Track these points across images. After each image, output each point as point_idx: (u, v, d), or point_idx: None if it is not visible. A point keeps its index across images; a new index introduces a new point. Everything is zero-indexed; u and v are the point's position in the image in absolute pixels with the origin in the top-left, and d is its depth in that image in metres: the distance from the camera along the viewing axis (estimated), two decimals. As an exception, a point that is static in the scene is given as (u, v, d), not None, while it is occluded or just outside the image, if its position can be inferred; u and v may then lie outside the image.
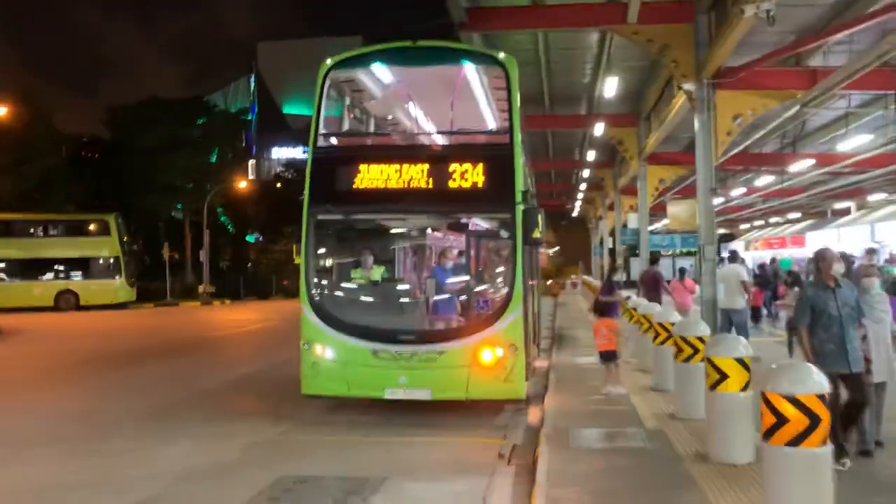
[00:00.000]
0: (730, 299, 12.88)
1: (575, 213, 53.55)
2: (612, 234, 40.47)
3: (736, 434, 6.59)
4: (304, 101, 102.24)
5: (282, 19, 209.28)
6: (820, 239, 29.63)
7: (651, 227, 28.45)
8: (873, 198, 33.53)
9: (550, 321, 22.05)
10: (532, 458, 7.41)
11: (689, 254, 54.04)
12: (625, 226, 33.81)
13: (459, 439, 8.50)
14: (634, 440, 7.62)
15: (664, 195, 26.00)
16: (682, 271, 16.30)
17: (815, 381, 4.83)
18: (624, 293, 14.24)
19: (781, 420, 4.79)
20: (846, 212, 35.75)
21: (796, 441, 4.74)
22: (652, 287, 15.10)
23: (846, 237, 26.95)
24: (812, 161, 22.69)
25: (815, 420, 4.72)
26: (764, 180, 29.31)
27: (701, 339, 8.43)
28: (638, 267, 37.82)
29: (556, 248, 64.32)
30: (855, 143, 19.84)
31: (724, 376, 6.61)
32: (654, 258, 16.93)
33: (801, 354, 6.74)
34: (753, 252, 37.78)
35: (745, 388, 6.60)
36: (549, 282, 41.04)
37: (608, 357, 10.38)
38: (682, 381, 8.67)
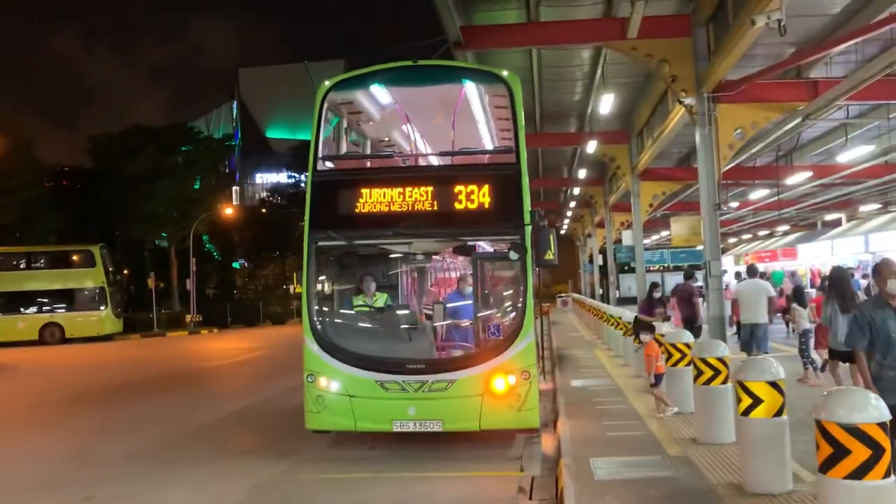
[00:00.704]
0: (754, 314, 12.48)
1: (563, 231, 53.49)
2: (602, 251, 40.34)
3: (772, 462, 6.24)
4: (286, 126, 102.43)
5: (263, 45, 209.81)
6: (812, 251, 29.61)
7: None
8: (865, 208, 33.60)
9: (547, 341, 21.73)
10: (555, 492, 7.06)
11: (678, 269, 54.32)
12: (618, 242, 33.69)
13: (474, 473, 8.11)
14: (660, 469, 7.26)
15: (657, 211, 25.85)
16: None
17: (874, 408, 4.51)
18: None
19: (840, 451, 4.46)
20: (837, 223, 35.79)
21: (858, 474, 4.41)
22: (686, 302, 14.58)
23: (839, 248, 26.86)
24: (809, 173, 22.63)
25: (878, 450, 4.40)
26: (757, 194, 29.27)
27: (722, 361, 8.15)
28: (631, 283, 37.91)
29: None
30: (854, 153, 19.78)
31: (757, 401, 6.27)
32: (689, 273, 16.38)
33: (854, 380, 6.31)
34: (744, 266, 37.62)
35: (779, 413, 6.27)
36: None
37: (660, 380, 9.86)
38: (703, 404, 8.32)
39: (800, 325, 12.23)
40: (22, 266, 34.77)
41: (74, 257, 35.23)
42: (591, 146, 21.89)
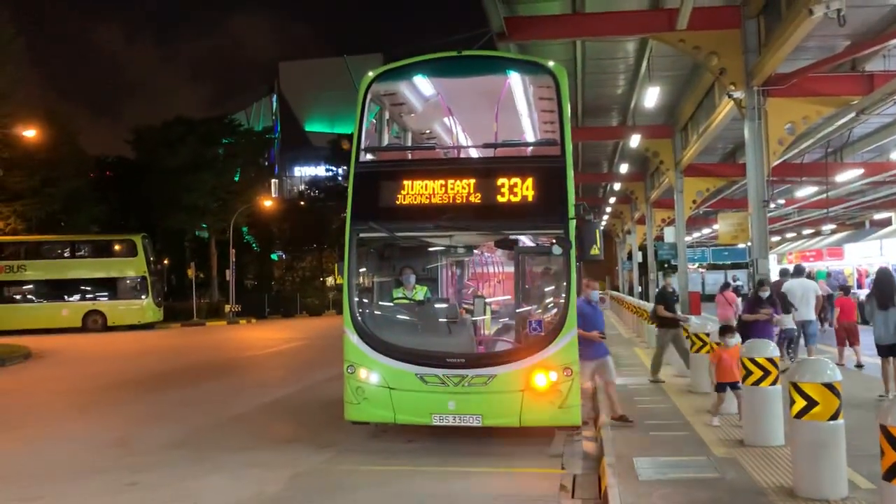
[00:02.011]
0: (804, 311, 13.13)
1: (602, 227, 53.01)
2: (642, 248, 39.85)
3: (827, 466, 6.02)
4: (325, 120, 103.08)
5: (302, 40, 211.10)
6: (860, 251, 28.83)
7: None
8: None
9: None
10: (598, 491, 6.92)
11: (714, 267, 53.43)
12: (659, 239, 33.21)
13: (515, 469, 8.00)
14: (707, 470, 7.07)
15: (701, 207, 25.40)
16: (726, 285, 16.21)
17: (943, 413, 4.30)
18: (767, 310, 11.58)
19: (907, 458, 4.26)
20: (887, 222, 34.82)
21: (926, 482, 4.20)
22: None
23: (889, 249, 26.09)
24: (860, 171, 22.01)
25: (947, 458, 4.19)
26: (804, 191, 28.62)
27: (772, 361, 7.93)
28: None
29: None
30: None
31: (812, 403, 6.06)
32: (799, 270, 16.00)
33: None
34: (788, 265, 36.87)
35: (835, 416, 6.05)
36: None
37: (723, 388, 9.14)
38: (751, 405, 8.11)
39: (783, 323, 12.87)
40: (66, 254, 35.47)
41: (117, 247, 35.85)
42: (635, 140, 21.56)
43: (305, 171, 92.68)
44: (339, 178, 59.58)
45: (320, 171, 75.40)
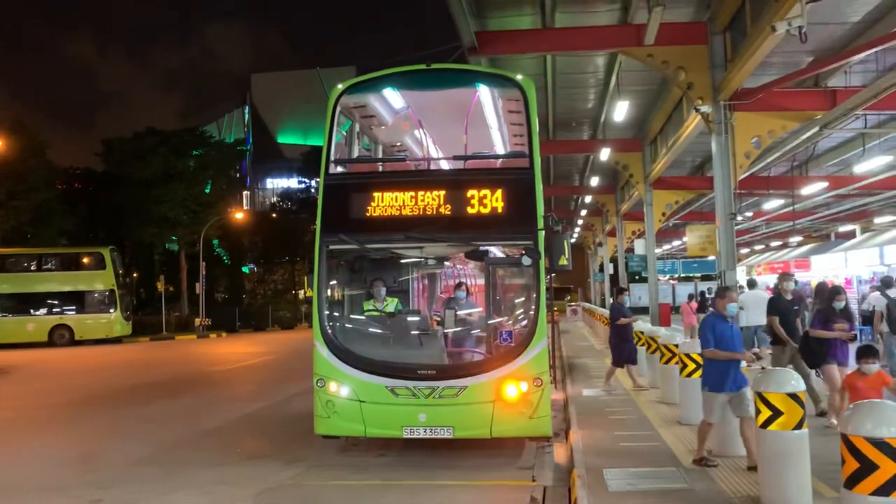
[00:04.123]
0: (755, 317, 14.95)
1: (573, 240, 53.29)
2: (613, 260, 40.13)
3: (792, 476, 6.09)
4: (297, 132, 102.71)
5: (275, 51, 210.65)
6: (826, 263, 29.31)
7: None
8: (879, 220, 33.27)
9: (558, 350, 21.58)
10: (569, 503, 6.93)
11: (687, 279, 54.06)
12: (630, 251, 33.49)
13: (486, 482, 7.98)
14: (676, 481, 7.13)
15: (670, 220, 25.67)
16: (690, 296, 16.71)
17: (902, 422, 4.37)
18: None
19: (867, 466, 4.33)
20: (851, 235, 35.47)
21: (886, 490, 4.27)
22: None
23: (853, 260, 26.56)
24: (824, 184, 22.42)
25: (906, 466, 4.25)
26: (771, 204, 29.06)
27: (739, 372, 8.01)
28: (641, 293, 37.69)
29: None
30: (871, 164, 19.57)
31: (776, 413, 6.14)
32: (752, 283, 16.46)
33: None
34: (757, 277, 37.37)
35: (799, 426, 6.13)
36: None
37: None
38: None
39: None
40: (32, 268, 34.85)
41: (85, 259, 35.30)
42: (605, 154, 21.76)
43: (277, 183, 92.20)
44: (312, 190, 59.27)
45: (293, 182, 75.07)
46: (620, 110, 16.73)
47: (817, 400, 9.71)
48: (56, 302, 34.15)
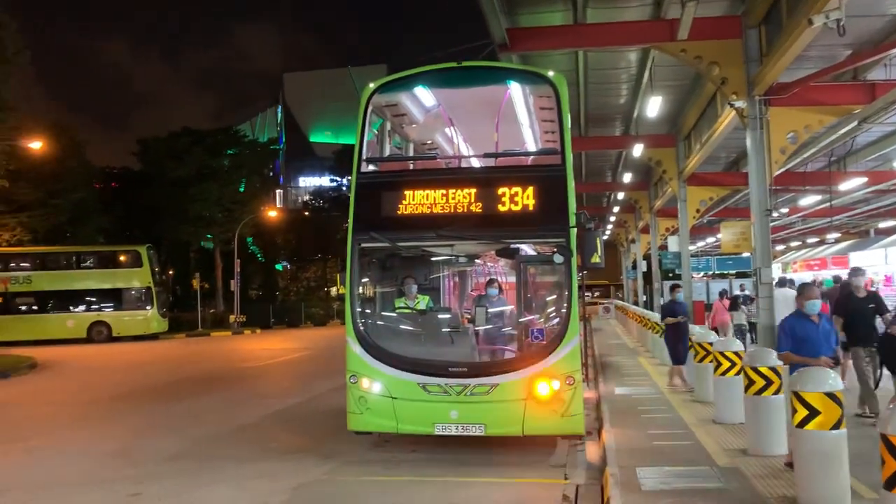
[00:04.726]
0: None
1: (606, 236, 52.92)
2: (647, 257, 39.80)
3: (829, 476, 6.01)
4: (330, 130, 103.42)
5: (307, 51, 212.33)
6: (865, 259, 28.72)
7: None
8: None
9: (589, 348, 21.48)
10: (601, 502, 6.91)
11: (721, 276, 53.30)
12: (663, 248, 33.16)
13: (517, 480, 7.99)
14: (710, 480, 7.06)
15: (704, 216, 25.37)
16: (722, 293, 16.58)
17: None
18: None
19: (907, 467, 4.25)
20: (892, 231, 34.70)
21: (926, 491, 4.19)
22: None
23: (894, 257, 26.00)
24: (863, 179, 21.97)
25: (948, 467, 4.17)
26: (807, 200, 28.58)
27: (775, 371, 7.92)
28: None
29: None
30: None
31: (813, 412, 6.05)
32: (783, 281, 16.14)
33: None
34: (793, 274, 36.79)
35: (837, 426, 6.03)
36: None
37: None
38: (754, 414, 8.11)
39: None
40: (72, 266, 35.55)
41: (122, 257, 35.95)
42: (637, 150, 21.58)
43: (309, 182, 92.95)
44: (343, 189, 59.66)
45: (324, 181, 75.61)
46: (653, 106, 16.57)
47: (875, 408, 9.18)
48: (94, 299, 34.84)
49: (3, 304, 33.51)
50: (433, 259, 10.84)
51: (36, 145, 27.59)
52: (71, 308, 34.48)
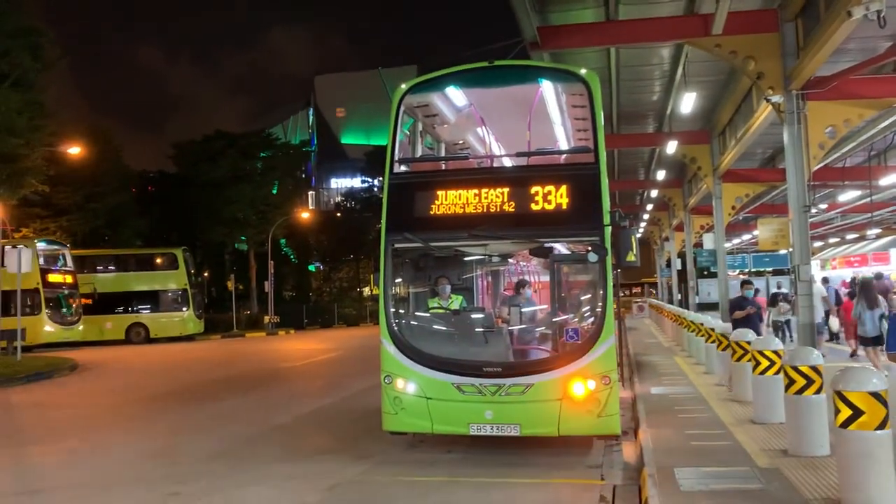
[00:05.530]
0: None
1: (639, 234, 52.46)
2: (681, 255, 39.37)
3: (874, 477, 5.85)
4: (361, 132, 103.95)
5: (337, 53, 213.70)
6: (907, 255, 28.12)
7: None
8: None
9: (625, 347, 21.29)
10: (639, 502, 6.84)
11: (758, 274, 52.56)
12: (698, 245, 32.78)
13: (554, 480, 7.93)
14: (750, 481, 6.93)
15: (739, 213, 25.02)
16: (756, 291, 16.73)
17: None
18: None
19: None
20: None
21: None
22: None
23: (937, 253, 25.41)
24: (905, 174, 21.53)
25: None
26: (846, 195, 28.04)
27: (816, 370, 7.76)
28: (710, 289, 36.81)
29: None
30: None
31: (857, 412, 5.91)
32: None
33: (873, 362, 5.91)
34: (831, 271, 36.14)
35: (882, 426, 5.89)
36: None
37: None
38: (795, 414, 7.93)
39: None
40: (110, 268, 36.24)
41: (158, 260, 36.54)
42: (671, 147, 21.34)
43: (342, 183, 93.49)
44: (375, 190, 59.95)
45: (356, 182, 75.92)
46: (687, 102, 16.38)
47: None
48: (132, 301, 35.43)
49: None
50: (466, 259, 10.82)
51: (74, 150, 28.14)
52: (110, 310, 35.08)
